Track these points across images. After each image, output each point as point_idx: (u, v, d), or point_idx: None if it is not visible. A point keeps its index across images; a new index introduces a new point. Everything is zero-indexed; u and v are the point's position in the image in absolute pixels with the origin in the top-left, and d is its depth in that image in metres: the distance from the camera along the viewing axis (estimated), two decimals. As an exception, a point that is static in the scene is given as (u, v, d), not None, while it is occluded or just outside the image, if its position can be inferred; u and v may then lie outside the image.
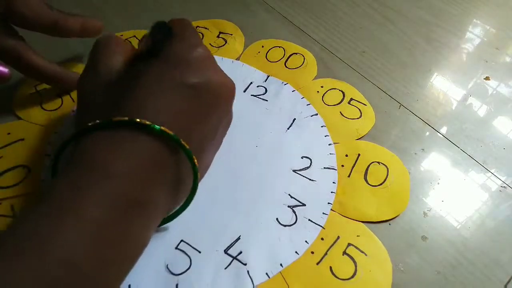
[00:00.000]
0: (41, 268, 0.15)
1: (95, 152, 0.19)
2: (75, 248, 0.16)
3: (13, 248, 0.15)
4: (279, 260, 0.25)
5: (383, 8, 0.46)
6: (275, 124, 0.33)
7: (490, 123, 0.35)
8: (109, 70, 0.23)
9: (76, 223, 0.17)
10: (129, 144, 0.19)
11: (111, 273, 0.18)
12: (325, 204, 0.28)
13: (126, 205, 0.18)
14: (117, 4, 0.43)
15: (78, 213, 0.17)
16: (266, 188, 0.29)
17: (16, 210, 0.26)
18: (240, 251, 0.25)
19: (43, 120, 0.32)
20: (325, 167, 0.30)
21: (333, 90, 0.36)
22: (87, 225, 0.17)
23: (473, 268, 0.26)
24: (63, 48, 0.37)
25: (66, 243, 0.16)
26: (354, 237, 0.26)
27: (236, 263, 0.25)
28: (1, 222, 0.26)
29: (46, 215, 0.16)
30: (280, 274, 0.25)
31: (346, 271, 0.25)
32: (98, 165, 0.18)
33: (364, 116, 0.34)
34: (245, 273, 0.24)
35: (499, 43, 0.42)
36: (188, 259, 0.25)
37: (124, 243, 0.19)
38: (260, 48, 0.39)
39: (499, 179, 0.31)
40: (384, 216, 0.28)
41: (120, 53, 0.24)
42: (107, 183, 0.18)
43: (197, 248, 0.25)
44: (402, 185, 0.29)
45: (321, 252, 0.26)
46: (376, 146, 0.31)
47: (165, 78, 0.21)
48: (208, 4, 0.44)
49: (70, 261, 0.16)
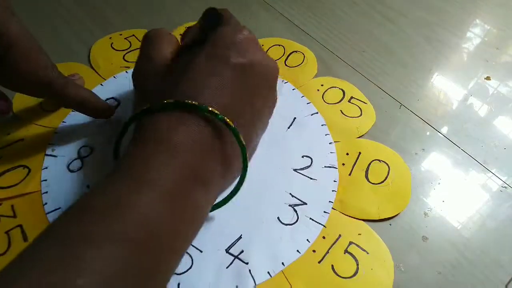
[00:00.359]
0: (123, 231, 0.16)
1: (157, 129, 0.20)
2: (153, 215, 0.17)
3: (97, 213, 0.16)
4: (281, 259, 0.25)
5: (383, 7, 0.46)
6: (275, 123, 0.32)
7: (491, 123, 0.35)
8: (162, 58, 0.24)
9: (151, 192, 0.17)
10: (183, 124, 0.20)
11: (180, 240, 0.19)
12: (326, 202, 0.28)
13: (192, 177, 0.19)
14: (117, 4, 0.43)
15: (152, 183, 0.18)
16: (267, 187, 0.28)
17: (16, 210, 0.26)
18: (242, 250, 0.25)
19: (43, 120, 0.32)
20: (326, 166, 0.30)
21: (333, 88, 0.36)
22: (162, 195, 0.18)
23: (474, 268, 0.26)
24: (63, 48, 0.37)
25: (145, 210, 0.17)
26: (355, 236, 0.26)
27: (238, 262, 0.25)
28: (1, 222, 0.26)
29: (124, 185, 0.17)
30: (282, 273, 0.25)
31: (348, 270, 0.25)
32: (162, 139, 0.19)
33: (364, 114, 0.34)
34: (246, 272, 0.24)
35: (499, 43, 0.42)
36: (189, 259, 0.25)
37: (192, 213, 0.20)
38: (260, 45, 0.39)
39: (500, 179, 0.31)
40: (386, 214, 0.28)
41: (170, 43, 0.25)
42: (174, 155, 0.19)
43: (199, 248, 0.25)
44: (404, 182, 0.29)
45: (322, 251, 0.26)
46: (377, 144, 0.31)
47: (215, 60, 0.22)
48: (207, 3, 0.44)
49: (149, 226, 0.17)
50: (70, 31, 0.40)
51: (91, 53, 0.37)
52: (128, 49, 0.38)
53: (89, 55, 0.37)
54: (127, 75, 0.36)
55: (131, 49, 0.38)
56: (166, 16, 0.42)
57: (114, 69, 0.36)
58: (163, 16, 0.42)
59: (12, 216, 0.26)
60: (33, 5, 0.42)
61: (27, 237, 0.25)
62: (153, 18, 0.42)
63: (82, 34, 0.39)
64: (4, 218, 0.26)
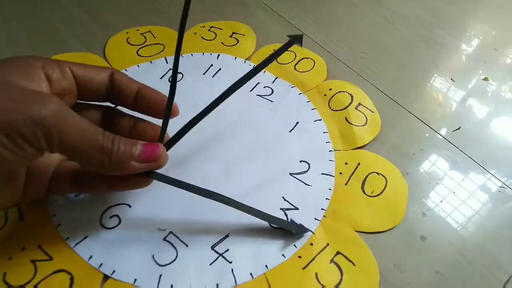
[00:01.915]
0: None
1: None
2: None
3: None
4: (265, 261, 0.25)
5: (381, 8, 0.45)
6: (277, 126, 0.32)
7: (489, 124, 0.34)
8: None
9: None
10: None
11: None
12: (318, 209, 0.28)
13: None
14: (117, 4, 0.44)
15: None
16: (260, 188, 0.28)
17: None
18: (227, 249, 0.25)
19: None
20: (323, 173, 0.30)
21: (342, 93, 0.35)
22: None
23: (472, 268, 0.25)
24: (63, 47, 0.39)
25: None
26: (344, 246, 0.26)
27: (222, 260, 0.25)
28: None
29: None
30: (264, 275, 0.24)
31: (332, 280, 0.24)
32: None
33: (369, 123, 0.33)
34: (229, 271, 0.24)
35: (497, 44, 0.42)
36: (174, 251, 0.25)
37: None
38: (271, 51, 0.39)
39: (498, 179, 0.30)
40: (378, 227, 0.27)
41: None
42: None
43: (185, 242, 0.26)
44: (399, 198, 0.29)
45: (308, 258, 0.25)
46: (377, 157, 0.31)
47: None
48: (207, 4, 0.44)
49: None
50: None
51: (107, 46, 0.38)
52: (143, 44, 0.39)
53: (105, 47, 0.38)
54: (138, 69, 0.36)
55: (145, 44, 0.39)
56: (165, 16, 0.43)
57: (126, 62, 0.37)
58: (163, 16, 0.43)
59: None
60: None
61: (23, 216, 0.26)
62: (153, 19, 0.42)
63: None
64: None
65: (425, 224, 0.27)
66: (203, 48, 0.39)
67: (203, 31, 0.41)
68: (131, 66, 0.37)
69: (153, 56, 0.38)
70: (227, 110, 0.33)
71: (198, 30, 0.41)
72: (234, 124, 0.29)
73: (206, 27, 0.41)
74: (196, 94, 0.34)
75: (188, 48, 0.39)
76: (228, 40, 0.40)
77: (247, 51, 0.39)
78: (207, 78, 0.36)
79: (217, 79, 0.36)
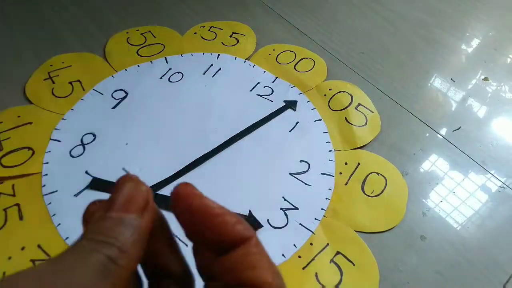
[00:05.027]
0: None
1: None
2: None
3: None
4: (265, 261, 0.25)
5: (381, 9, 0.45)
6: (277, 126, 0.32)
7: (489, 124, 0.34)
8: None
9: None
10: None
11: None
12: (318, 209, 0.28)
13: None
14: (117, 4, 0.44)
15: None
16: (260, 188, 0.28)
17: (16, 190, 0.27)
18: (227, 248, 0.25)
19: (53, 106, 0.33)
20: (323, 173, 0.30)
21: (341, 93, 0.35)
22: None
23: (472, 267, 0.25)
24: (63, 46, 0.39)
25: None
26: (344, 246, 0.26)
27: (222, 260, 0.25)
28: (0, 199, 0.27)
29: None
30: (264, 275, 0.24)
31: (331, 279, 0.24)
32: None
33: (369, 124, 0.33)
34: (229, 271, 0.24)
35: (497, 44, 0.42)
36: (174, 252, 0.25)
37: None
38: (271, 51, 0.39)
39: (498, 179, 0.30)
40: (378, 227, 0.27)
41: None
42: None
43: (185, 242, 0.25)
44: (399, 198, 0.28)
45: (308, 257, 0.25)
46: (378, 157, 0.31)
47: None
48: (207, 4, 0.44)
49: None
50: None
51: (107, 46, 0.38)
52: (143, 44, 0.39)
53: (105, 47, 0.38)
54: (138, 69, 0.36)
55: (145, 44, 0.39)
56: (165, 16, 0.43)
57: (126, 62, 0.37)
58: (163, 16, 0.43)
59: (12, 194, 0.27)
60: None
61: (23, 216, 0.26)
62: (153, 19, 0.42)
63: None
64: (4, 196, 0.27)
65: (425, 224, 0.27)
66: (203, 48, 0.39)
67: (203, 31, 0.41)
68: (131, 66, 0.37)
69: (153, 56, 0.38)
70: (227, 110, 0.33)
71: (198, 30, 0.41)
72: (234, 122, 0.29)
73: (206, 27, 0.41)
74: (196, 94, 0.34)
75: (188, 48, 0.39)
76: (228, 40, 0.40)
77: (247, 51, 0.39)
78: (207, 78, 0.36)
79: (217, 78, 0.36)
